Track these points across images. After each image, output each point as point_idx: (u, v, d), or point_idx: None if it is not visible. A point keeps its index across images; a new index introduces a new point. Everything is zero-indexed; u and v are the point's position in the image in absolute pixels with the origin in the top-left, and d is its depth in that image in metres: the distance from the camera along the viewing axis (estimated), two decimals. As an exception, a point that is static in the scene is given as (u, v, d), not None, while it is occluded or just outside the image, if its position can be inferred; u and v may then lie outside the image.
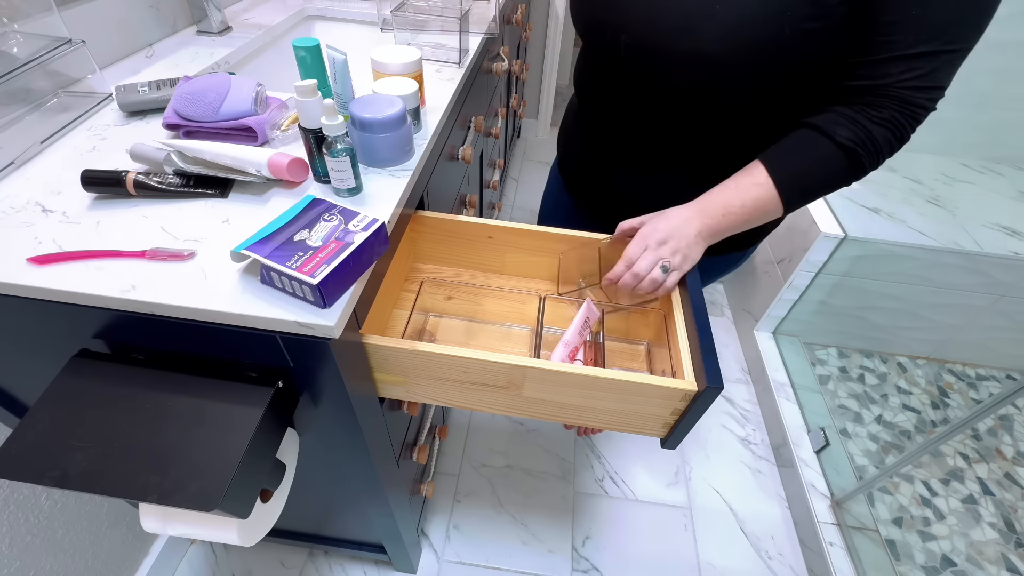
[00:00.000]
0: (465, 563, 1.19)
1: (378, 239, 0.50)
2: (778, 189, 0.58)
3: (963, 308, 1.51)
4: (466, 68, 0.89)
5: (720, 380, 0.52)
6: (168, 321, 0.47)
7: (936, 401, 1.59)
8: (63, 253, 0.48)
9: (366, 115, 0.57)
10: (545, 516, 1.28)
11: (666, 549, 1.24)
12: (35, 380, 0.60)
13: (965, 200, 1.55)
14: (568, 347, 0.65)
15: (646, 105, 0.65)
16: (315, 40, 0.55)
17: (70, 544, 0.87)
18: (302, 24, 1.11)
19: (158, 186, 0.55)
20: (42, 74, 0.67)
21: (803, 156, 0.58)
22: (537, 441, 1.43)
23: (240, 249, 0.46)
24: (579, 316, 0.67)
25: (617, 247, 0.68)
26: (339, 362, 0.50)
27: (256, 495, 0.53)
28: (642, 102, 0.66)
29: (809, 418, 1.42)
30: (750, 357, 1.66)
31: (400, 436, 0.83)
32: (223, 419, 0.49)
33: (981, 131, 1.65)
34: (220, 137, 0.64)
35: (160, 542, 1.08)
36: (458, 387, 0.61)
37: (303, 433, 0.64)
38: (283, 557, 1.16)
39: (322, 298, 0.45)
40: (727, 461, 1.42)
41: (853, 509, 1.21)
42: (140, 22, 0.86)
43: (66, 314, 0.48)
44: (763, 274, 1.64)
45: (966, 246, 1.38)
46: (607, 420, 0.62)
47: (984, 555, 1.24)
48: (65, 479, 0.44)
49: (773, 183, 0.58)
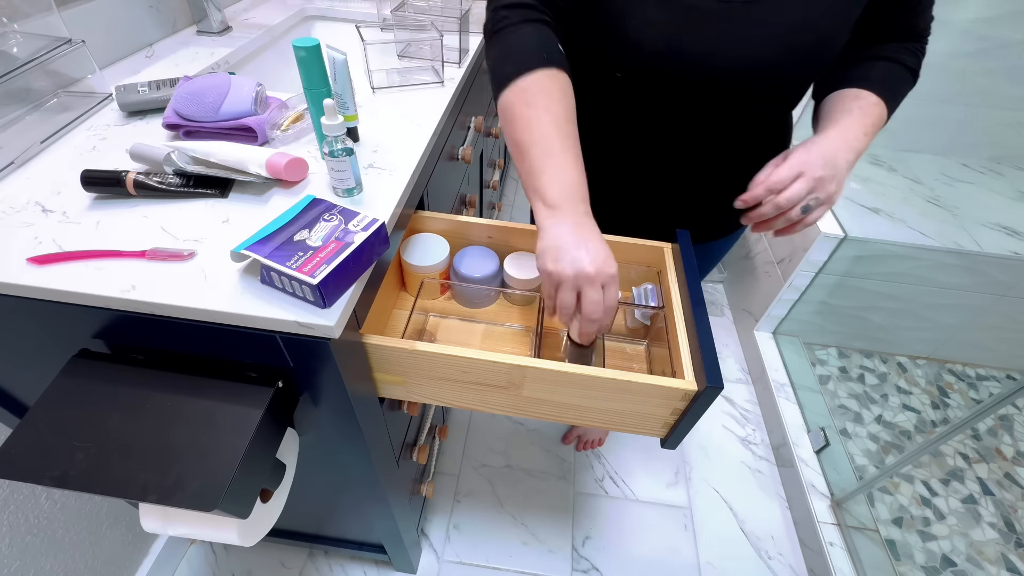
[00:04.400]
0: (465, 563, 1.19)
1: (378, 239, 0.50)
2: (887, 106, 0.63)
3: (963, 308, 1.51)
4: (466, 68, 0.89)
5: (720, 380, 0.52)
6: (168, 321, 0.47)
7: (936, 401, 1.59)
8: (63, 253, 0.48)
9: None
10: (545, 516, 1.28)
11: (666, 549, 1.24)
12: (35, 380, 0.60)
13: (965, 200, 1.55)
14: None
15: (696, 121, 0.66)
16: (315, 40, 0.55)
17: (70, 544, 0.87)
18: (302, 24, 1.11)
19: (158, 186, 0.55)
20: (42, 74, 0.67)
21: (890, 79, 0.65)
22: (537, 441, 1.43)
23: (240, 249, 0.46)
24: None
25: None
26: (339, 362, 0.50)
27: (256, 495, 0.53)
28: (693, 119, 0.66)
29: (809, 418, 1.41)
30: (750, 357, 1.66)
31: (400, 436, 0.83)
32: (223, 419, 0.49)
33: (981, 131, 1.65)
34: (220, 137, 0.64)
35: (160, 542, 1.08)
36: (458, 387, 0.61)
37: (303, 433, 0.64)
38: (283, 557, 1.16)
39: (322, 298, 0.45)
40: (727, 461, 1.42)
41: (853, 509, 1.21)
42: (140, 22, 0.86)
43: (66, 314, 0.48)
44: (763, 274, 1.64)
45: (966, 246, 1.38)
46: (607, 420, 0.62)
47: (984, 555, 1.24)
48: (65, 479, 0.44)
49: (883, 101, 0.63)
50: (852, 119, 0.61)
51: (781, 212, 0.59)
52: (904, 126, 1.64)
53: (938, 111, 1.61)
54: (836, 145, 0.59)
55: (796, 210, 0.58)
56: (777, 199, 0.58)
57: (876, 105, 0.63)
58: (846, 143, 0.59)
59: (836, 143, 0.59)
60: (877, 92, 0.63)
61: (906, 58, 0.65)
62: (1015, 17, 1.40)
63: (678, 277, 0.66)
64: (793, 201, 0.57)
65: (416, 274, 0.70)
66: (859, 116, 0.61)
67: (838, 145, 0.59)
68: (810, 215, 0.59)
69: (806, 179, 0.57)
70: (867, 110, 0.62)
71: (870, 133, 0.61)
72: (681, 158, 0.70)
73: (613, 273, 0.51)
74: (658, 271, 0.72)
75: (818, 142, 0.60)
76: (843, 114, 0.62)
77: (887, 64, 0.65)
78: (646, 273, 0.73)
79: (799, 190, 0.57)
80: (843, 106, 0.63)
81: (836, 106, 0.64)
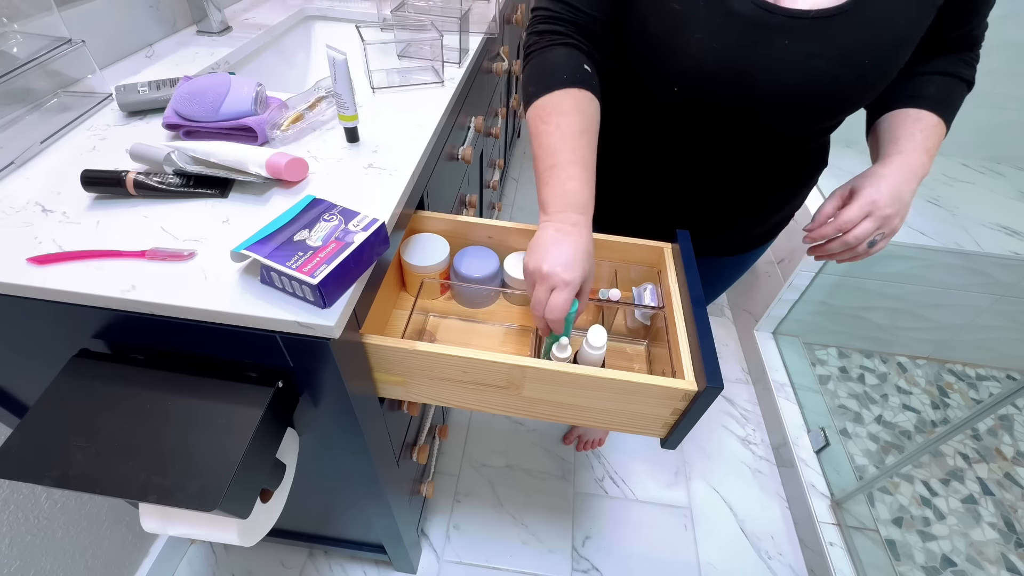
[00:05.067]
0: (465, 563, 1.19)
1: (378, 239, 0.50)
2: (946, 124, 0.64)
3: (963, 308, 1.51)
4: (466, 68, 0.89)
5: (720, 380, 0.52)
6: (168, 321, 0.47)
7: (936, 401, 1.59)
8: (63, 253, 0.48)
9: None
10: (545, 516, 1.28)
11: (666, 549, 1.24)
12: (35, 380, 0.60)
13: (965, 200, 1.55)
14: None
15: (745, 138, 0.64)
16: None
17: (70, 544, 0.87)
18: (302, 24, 1.11)
19: (158, 186, 0.55)
20: (42, 74, 0.67)
21: (949, 95, 0.64)
22: (537, 441, 1.43)
23: (240, 249, 0.46)
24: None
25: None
26: (339, 362, 0.50)
27: (256, 495, 0.53)
28: (741, 137, 0.64)
29: (809, 418, 1.41)
30: (750, 357, 1.66)
31: (400, 436, 0.83)
32: (223, 419, 0.49)
33: (981, 131, 1.65)
34: (220, 137, 0.64)
35: (160, 542, 1.08)
36: (458, 387, 0.61)
37: (303, 433, 0.64)
38: (283, 557, 1.16)
39: (322, 298, 0.45)
40: (727, 461, 1.42)
41: (853, 509, 1.21)
42: (140, 22, 0.86)
43: (66, 314, 0.48)
44: (763, 274, 1.64)
45: (966, 246, 1.38)
46: (607, 420, 0.62)
47: (984, 555, 1.24)
48: (65, 479, 0.44)
49: (943, 121, 0.63)
50: (915, 146, 0.61)
51: (848, 248, 0.62)
52: (904, 126, 1.64)
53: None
54: (902, 179, 0.60)
55: (863, 246, 0.61)
56: (846, 238, 0.61)
57: (937, 127, 0.62)
58: (911, 173, 0.60)
59: (902, 176, 0.60)
60: (937, 112, 0.63)
61: (963, 71, 0.65)
62: (1015, 17, 1.40)
63: (678, 277, 0.66)
64: (861, 240, 0.60)
65: (416, 274, 0.70)
66: (922, 141, 0.61)
67: (904, 178, 0.60)
68: (875, 247, 0.62)
69: (875, 218, 0.59)
70: (928, 132, 0.62)
71: (932, 155, 0.62)
72: (721, 174, 0.70)
73: (567, 279, 0.53)
74: (658, 271, 0.72)
75: (886, 177, 0.60)
76: (906, 140, 0.62)
77: (944, 79, 0.64)
78: (646, 273, 0.73)
79: (868, 229, 0.59)
80: (905, 131, 0.62)
81: (898, 131, 0.63)
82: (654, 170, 0.73)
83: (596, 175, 0.59)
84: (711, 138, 0.65)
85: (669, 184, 0.74)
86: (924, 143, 0.61)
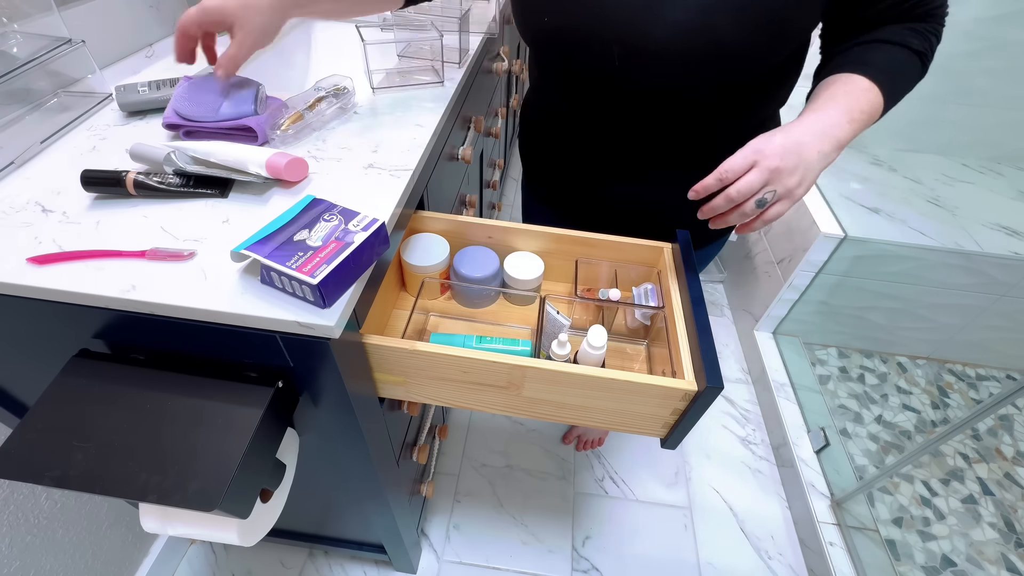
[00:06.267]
0: (465, 563, 1.19)
1: (378, 239, 0.50)
2: (883, 92, 0.57)
3: (963, 308, 1.51)
4: (466, 68, 0.89)
5: (720, 380, 0.52)
6: (168, 321, 0.47)
7: (936, 401, 1.59)
8: (63, 253, 0.48)
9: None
10: (545, 516, 1.28)
11: (666, 549, 1.24)
12: (35, 380, 0.60)
13: (965, 200, 1.55)
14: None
15: (639, 108, 0.63)
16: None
17: (70, 544, 0.87)
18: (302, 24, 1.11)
19: (158, 186, 0.55)
20: (42, 74, 0.67)
21: (890, 63, 0.58)
22: (537, 441, 1.43)
23: (240, 249, 0.46)
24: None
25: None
26: (339, 362, 0.50)
27: (256, 495, 0.53)
28: (635, 105, 0.63)
29: (809, 418, 1.41)
30: (750, 357, 1.66)
31: (400, 436, 0.83)
32: (223, 419, 0.49)
33: (981, 131, 1.65)
34: (220, 137, 0.63)
35: (160, 542, 1.08)
36: (458, 387, 0.61)
37: (303, 433, 0.64)
38: (283, 557, 1.16)
39: (322, 298, 0.45)
40: (727, 461, 1.42)
41: (853, 509, 1.21)
42: (140, 22, 0.86)
43: (66, 314, 0.48)
44: (763, 274, 1.64)
45: (966, 246, 1.38)
46: (607, 420, 0.62)
47: (984, 555, 1.24)
48: (65, 479, 0.44)
49: (877, 86, 0.56)
50: (835, 105, 0.55)
51: (734, 206, 0.53)
52: (904, 126, 1.64)
53: (938, 111, 1.61)
54: (805, 133, 0.53)
55: (750, 204, 0.52)
56: (728, 191, 0.52)
57: (867, 91, 0.56)
58: (822, 131, 0.53)
59: (807, 131, 0.53)
60: (871, 76, 0.56)
61: (911, 40, 0.58)
62: (1015, 17, 1.40)
63: (678, 277, 0.66)
64: (744, 194, 0.51)
65: (416, 274, 0.70)
66: (844, 102, 0.55)
67: (809, 134, 0.53)
68: (767, 211, 0.53)
69: (760, 170, 0.51)
70: (856, 95, 0.56)
71: (858, 120, 0.55)
72: (649, 148, 0.68)
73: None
74: (658, 271, 0.72)
75: (784, 129, 0.53)
76: (826, 100, 0.56)
77: (889, 47, 0.58)
78: (646, 273, 0.73)
79: (751, 182, 0.51)
80: (827, 92, 0.57)
81: (821, 93, 0.58)
82: (592, 151, 0.73)
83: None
84: (616, 105, 0.64)
85: (607, 165, 0.73)
86: (846, 104, 0.55)
